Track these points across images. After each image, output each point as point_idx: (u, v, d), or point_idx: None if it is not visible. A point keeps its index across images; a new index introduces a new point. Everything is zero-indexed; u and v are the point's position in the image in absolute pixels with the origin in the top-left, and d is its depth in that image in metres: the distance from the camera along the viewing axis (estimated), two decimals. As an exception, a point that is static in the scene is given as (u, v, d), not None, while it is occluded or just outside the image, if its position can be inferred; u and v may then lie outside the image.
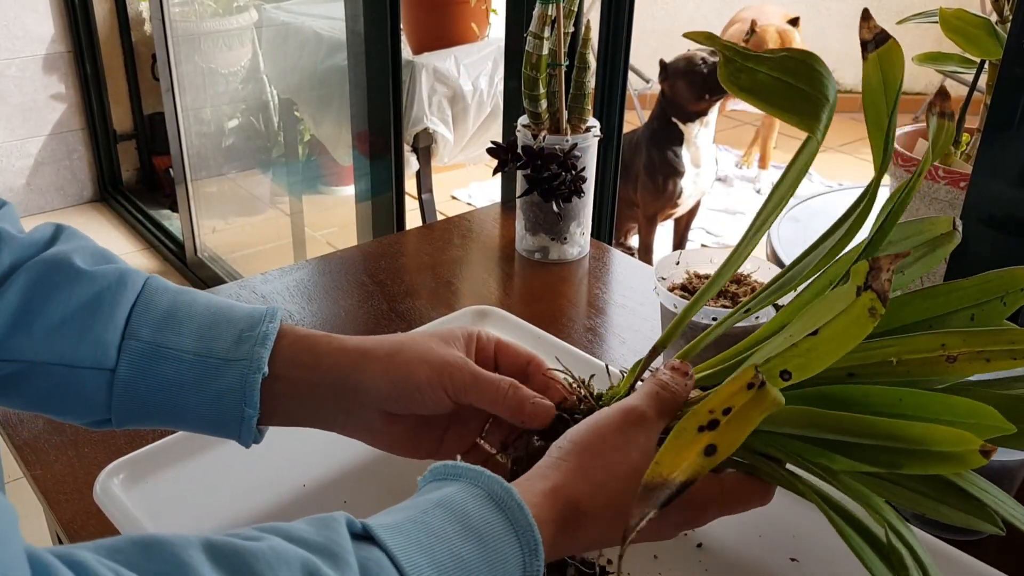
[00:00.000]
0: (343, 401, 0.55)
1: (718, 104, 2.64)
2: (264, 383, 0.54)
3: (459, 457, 0.59)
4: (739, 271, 0.95)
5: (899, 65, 0.51)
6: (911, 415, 0.46)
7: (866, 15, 0.50)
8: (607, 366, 0.66)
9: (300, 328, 0.57)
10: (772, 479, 0.52)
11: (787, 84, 0.54)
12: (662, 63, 2.59)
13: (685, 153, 2.65)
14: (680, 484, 0.41)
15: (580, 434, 0.48)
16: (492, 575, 0.42)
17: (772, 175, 3.60)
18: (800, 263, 0.57)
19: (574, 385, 0.58)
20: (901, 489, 0.49)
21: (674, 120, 2.62)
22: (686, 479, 0.41)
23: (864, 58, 0.52)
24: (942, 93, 0.55)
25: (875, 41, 0.51)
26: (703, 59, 2.58)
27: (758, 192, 3.54)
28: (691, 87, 2.55)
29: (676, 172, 2.65)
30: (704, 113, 2.62)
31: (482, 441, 0.59)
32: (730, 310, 0.86)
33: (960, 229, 0.56)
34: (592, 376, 0.60)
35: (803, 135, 0.59)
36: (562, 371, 0.58)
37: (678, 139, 2.64)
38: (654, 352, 0.58)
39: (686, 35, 0.57)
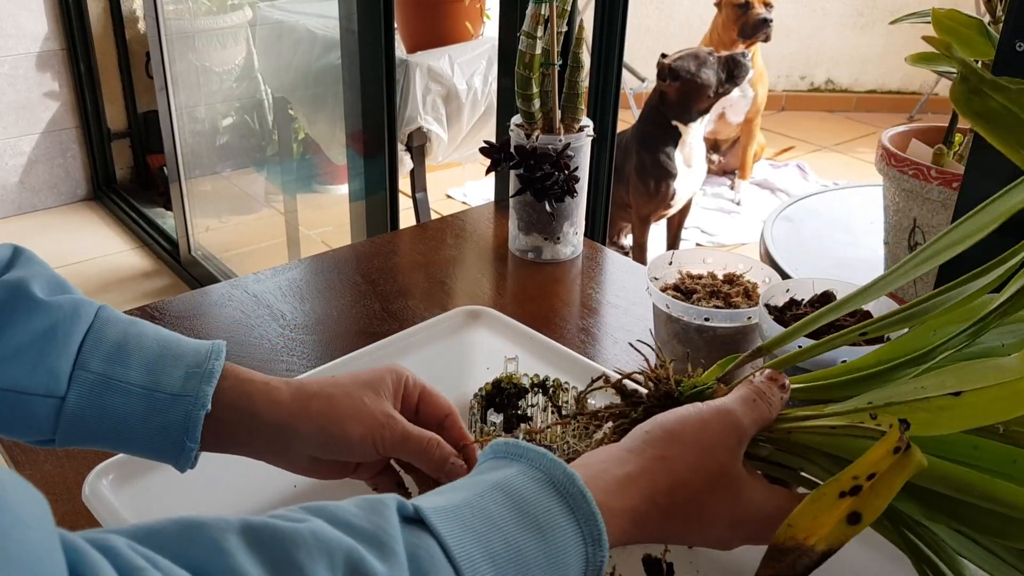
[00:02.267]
0: (276, 446, 0.58)
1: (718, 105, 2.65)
2: (207, 417, 0.56)
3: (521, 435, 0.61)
4: (732, 271, 0.95)
5: None
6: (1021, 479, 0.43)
7: None
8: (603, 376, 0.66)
9: (241, 370, 0.59)
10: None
11: (1020, 120, 0.50)
12: (663, 65, 2.57)
13: (679, 154, 2.65)
14: (821, 554, 0.39)
15: (671, 422, 0.45)
16: (551, 566, 0.39)
17: (751, 189, 3.59)
18: (931, 300, 0.52)
19: (654, 366, 0.55)
20: (979, 548, 0.46)
21: (673, 123, 2.62)
22: (827, 548, 0.39)
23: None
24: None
25: None
26: (709, 54, 2.59)
27: (737, 204, 3.52)
28: (703, 85, 2.55)
29: (669, 174, 2.65)
30: (708, 111, 2.63)
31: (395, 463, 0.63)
32: (725, 311, 0.86)
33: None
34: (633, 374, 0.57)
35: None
36: (649, 347, 0.56)
37: (672, 140, 2.64)
38: (756, 354, 0.55)
39: (926, 39, 0.55)
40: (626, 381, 0.55)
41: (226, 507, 0.71)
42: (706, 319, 0.86)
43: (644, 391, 0.54)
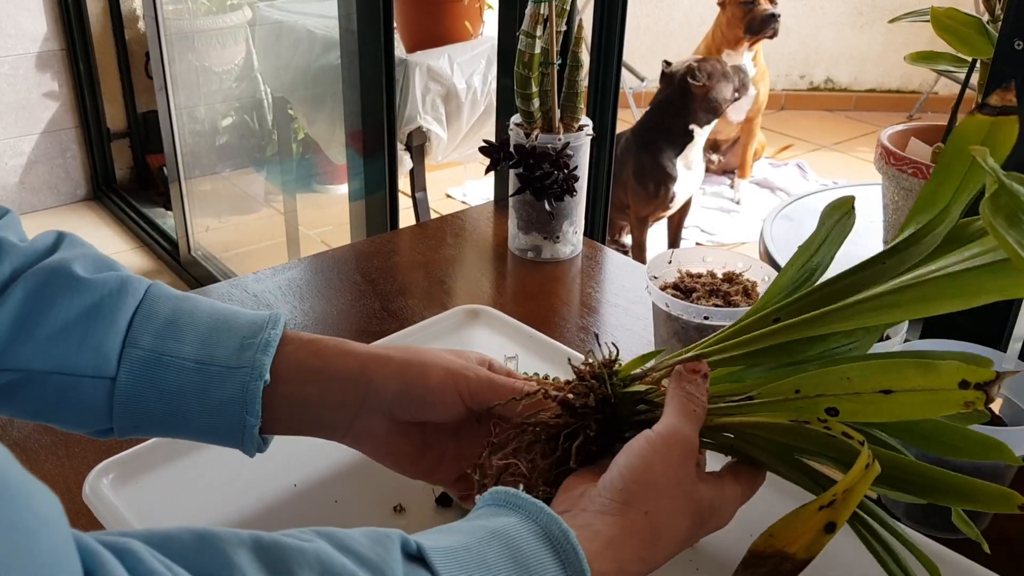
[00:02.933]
0: (350, 405, 0.54)
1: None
2: (267, 390, 0.53)
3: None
4: (731, 269, 0.95)
5: (1009, 144, 0.49)
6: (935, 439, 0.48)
7: (1008, 86, 0.48)
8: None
9: (305, 334, 0.56)
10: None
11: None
12: (695, 65, 2.61)
13: (680, 157, 2.66)
14: (803, 561, 0.42)
15: (640, 471, 0.47)
16: None
17: (751, 188, 3.59)
18: (841, 282, 0.54)
19: (592, 365, 0.55)
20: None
21: (691, 127, 2.63)
22: (808, 556, 0.42)
23: (972, 113, 0.49)
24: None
25: (1002, 109, 0.48)
26: (718, 61, 2.64)
27: (736, 203, 3.52)
28: (725, 86, 2.58)
29: (669, 177, 2.65)
30: (722, 112, 2.66)
31: (483, 460, 0.57)
32: (725, 310, 0.86)
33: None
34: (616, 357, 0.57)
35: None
36: (594, 350, 0.57)
37: (681, 143, 2.64)
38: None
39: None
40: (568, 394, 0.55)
41: (226, 507, 0.71)
42: (705, 317, 0.86)
43: (584, 397, 0.54)
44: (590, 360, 0.55)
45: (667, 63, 2.71)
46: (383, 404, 0.54)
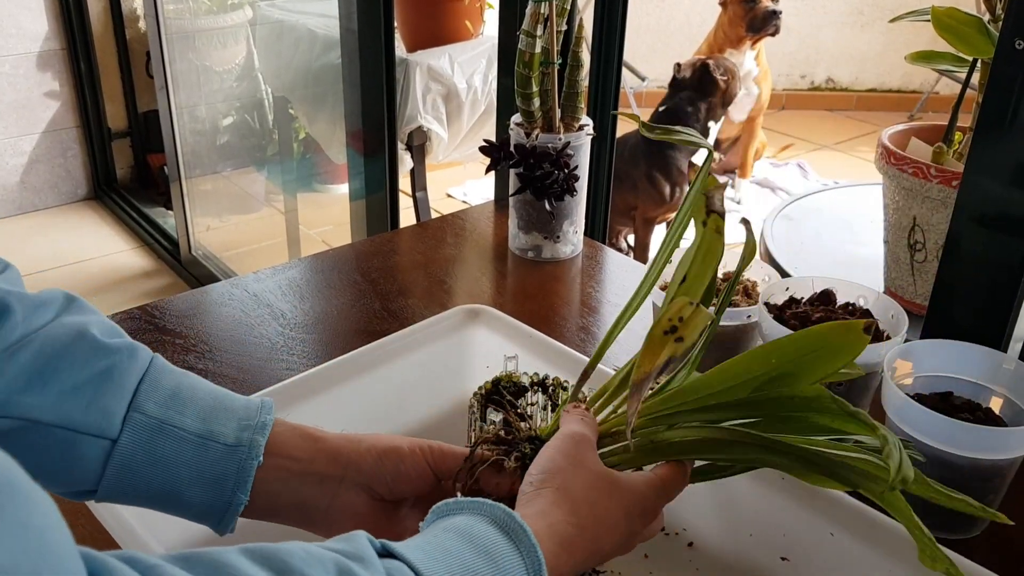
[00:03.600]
0: (331, 481, 0.58)
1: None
2: (257, 469, 0.56)
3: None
4: (730, 270, 0.95)
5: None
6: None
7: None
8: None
9: (288, 421, 0.60)
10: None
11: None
12: (718, 63, 2.66)
13: (693, 157, 2.67)
14: (663, 362, 0.51)
15: (545, 460, 0.53)
16: None
17: (752, 188, 3.59)
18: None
19: (522, 425, 0.63)
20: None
21: (709, 124, 2.65)
22: (667, 357, 0.51)
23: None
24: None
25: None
26: (723, 57, 2.68)
27: (737, 203, 3.52)
28: (739, 83, 2.62)
29: (683, 177, 2.66)
30: (720, 116, 2.69)
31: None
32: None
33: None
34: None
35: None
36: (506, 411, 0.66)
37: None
38: (583, 378, 0.65)
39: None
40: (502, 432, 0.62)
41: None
42: (706, 317, 0.86)
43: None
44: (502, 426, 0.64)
45: (678, 66, 2.71)
46: (362, 478, 0.58)
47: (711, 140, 2.68)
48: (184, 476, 0.55)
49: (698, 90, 2.65)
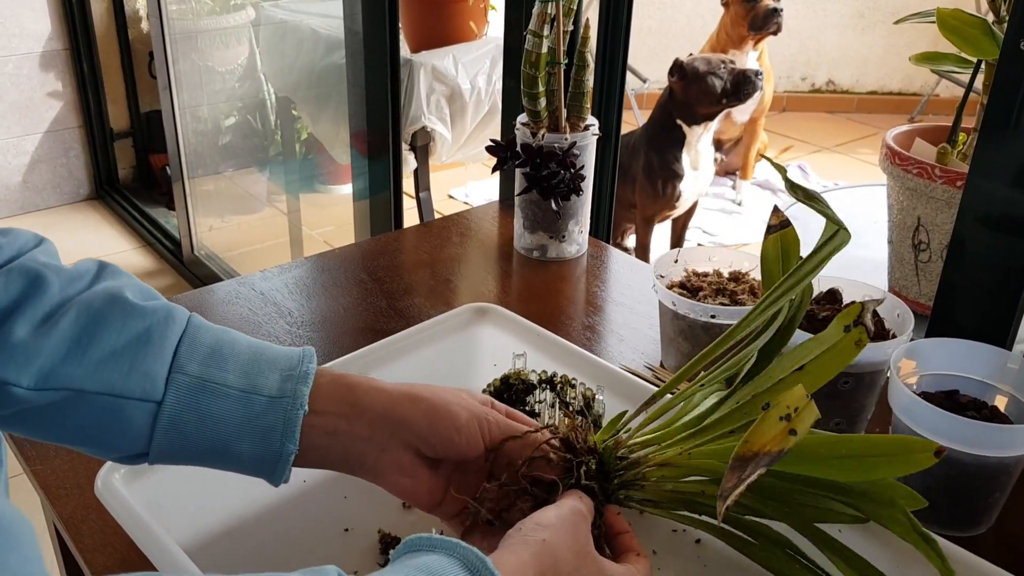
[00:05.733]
0: (379, 437, 0.57)
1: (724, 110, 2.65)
2: (303, 421, 0.56)
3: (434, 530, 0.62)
4: (738, 268, 0.95)
5: (796, 243, 0.67)
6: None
7: (776, 210, 0.67)
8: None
9: (334, 370, 0.59)
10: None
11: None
12: (678, 62, 2.58)
13: (685, 156, 2.66)
14: (777, 453, 0.49)
15: (543, 518, 0.53)
16: None
17: (753, 189, 3.59)
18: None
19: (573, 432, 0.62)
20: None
21: (678, 122, 2.62)
22: (779, 450, 0.49)
23: (765, 238, 0.67)
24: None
25: (780, 226, 0.66)
26: (723, 62, 2.59)
27: (738, 204, 3.52)
28: (708, 90, 2.55)
29: (675, 175, 2.65)
30: (712, 117, 2.63)
31: (472, 503, 0.62)
32: (731, 308, 0.87)
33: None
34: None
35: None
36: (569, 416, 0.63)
37: (679, 142, 2.64)
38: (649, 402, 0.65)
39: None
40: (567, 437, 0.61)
41: (236, 502, 0.71)
42: (712, 316, 0.87)
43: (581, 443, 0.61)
44: (573, 428, 0.62)
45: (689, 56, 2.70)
46: (411, 439, 0.58)
47: (695, 144, 2.66)
48: (232, 431, 0.55)
49: (672, 87, 2.63)
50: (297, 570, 0.44)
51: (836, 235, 0.61)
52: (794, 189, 0.63)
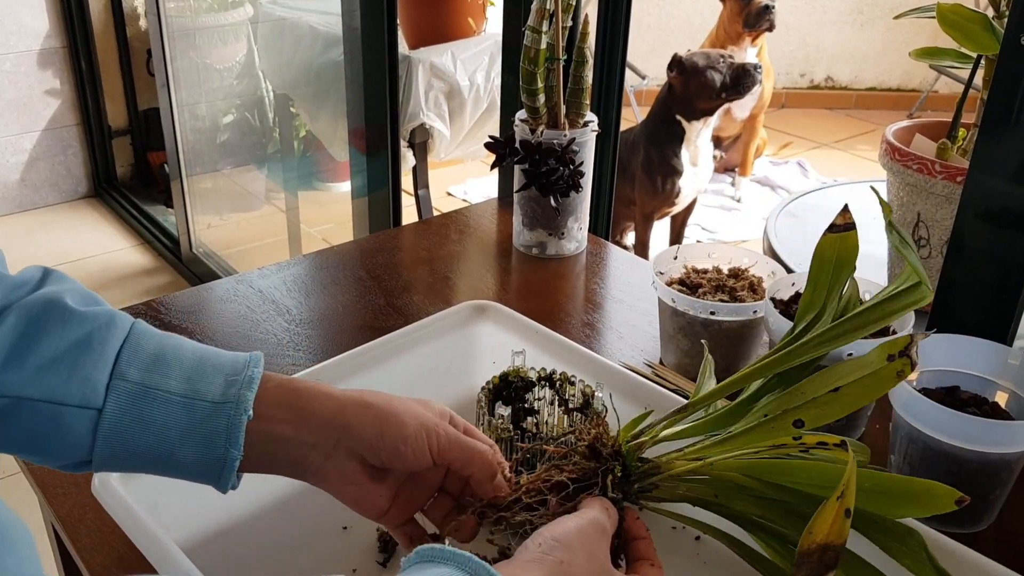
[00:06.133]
0: (324, 444, 0.57)
1: (725, 105, 2.65)
2: (247, 426, 0.55)
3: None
4: (737, 265, 0.95)
5: (854, 250, 0.64)
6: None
7: (846, 208, 0.65)
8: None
9: (281, 376, 0.59)
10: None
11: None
12: (676, 57, 2.58)
13: (684, 152, 2.65)
14: (841, 546, 0.49)
15: (559, 533, 0.52)
16: None
17: (752, 186, 3.59)
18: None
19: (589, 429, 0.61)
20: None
21: (677, 117, 2.62)
22: (843, 541, 0.50)
23: (825, 235, 0.64)
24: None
25: (844, 227, 0.64)
26: (721, 57, 2.58)
27: (737, 201, 3.52)
28: (707, 84, 2.55)
29: (675, 171, 2.65)
30: (711, 112, 2.62)
31: (419, 517, 0.62)
32: (731, 305, 0.87)
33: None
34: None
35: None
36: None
37: (678, 137, 2.64)
38: (680, 411, 0.64)
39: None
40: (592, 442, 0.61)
41: (233, 500, 0.71)
42: (712, 313, 0.87)
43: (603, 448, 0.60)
44: (591, 422, 0.63)
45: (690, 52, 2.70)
46: (357, 446, 0.57)
47: (695, 140, 2.66)
48: (174, 437, 0.54)
49: (671, 83, 2.63)
50: None
51: (916, 289, 0.60)
52: (891, 228, 0.64)
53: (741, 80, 2.57)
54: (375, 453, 0.57)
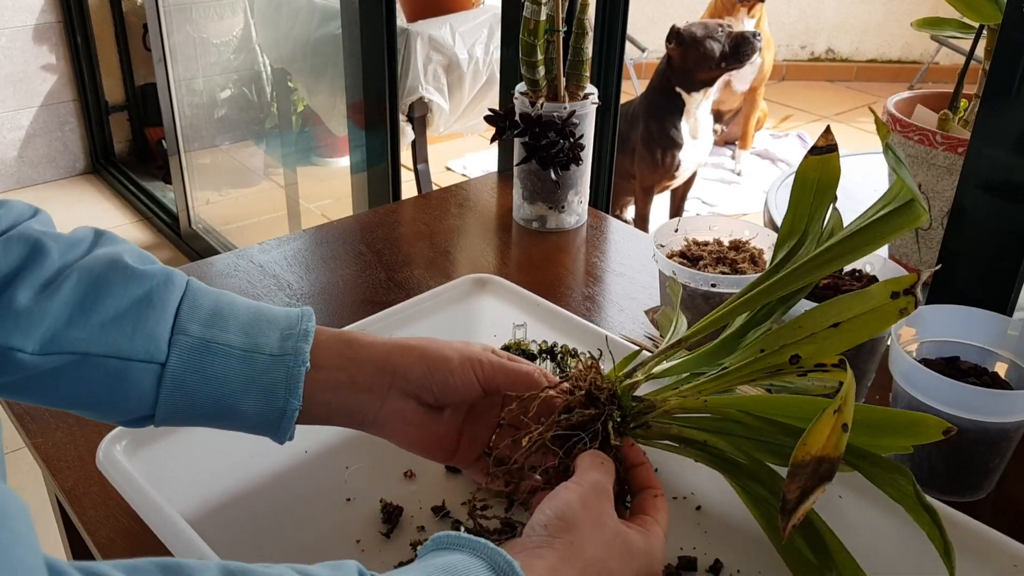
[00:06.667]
0: (378, 389, 0.59)
1: (723, 76, 2.63)
2: (306, 377, 0.57)
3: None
4: (738, 237, 0.95)
5: (837, 173, 0.61)
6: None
7: (828, 130, 0.61)
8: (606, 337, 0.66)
9: (331, 328, 0.60)
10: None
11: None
12: (675, 29, 2.57)
13: (684, 124, 2.64)
14: (836, 458, 0.48)
15: (562, 510, 0.51)
16: None
17: (752, 159, 3.57)
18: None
19: (586, 369, 0.60)
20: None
21: (677, 89, 2.60)
22: (838, 455, 0.48)
23: (806, 158, 0.61)
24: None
25: (826, 148, 0.60)
26: (720, 26, 2.57)
27: (737, 175, 3.51)
28: (707, 54, 2.53)
29: (674, 144, 2.64)
30: (711, 83, 2.61)
31: (492, 443, 0.63)
32: (732, 277, 0.87)
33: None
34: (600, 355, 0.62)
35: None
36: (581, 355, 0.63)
37: (678, 110, 2.63)
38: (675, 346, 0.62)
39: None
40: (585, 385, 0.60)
41: (238, 472, 0.71)
42: (713, 285, 0.87)
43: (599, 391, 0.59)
44: (585, 364, 0.61)
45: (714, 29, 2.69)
46: (409, 386, 0.59)
47: (694, 112, 2.64)
48: (236, 390, 0.56)
49: (670, 55, 2.62)
50: (318, 564, 0.44)
51: (909, 207, 0.56)
52: (888, 149, 0.59)
53: (740, 48, 2.56)
54: (427, 389, 0.59)
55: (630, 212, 2.91)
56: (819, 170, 0.61)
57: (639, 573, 0.52)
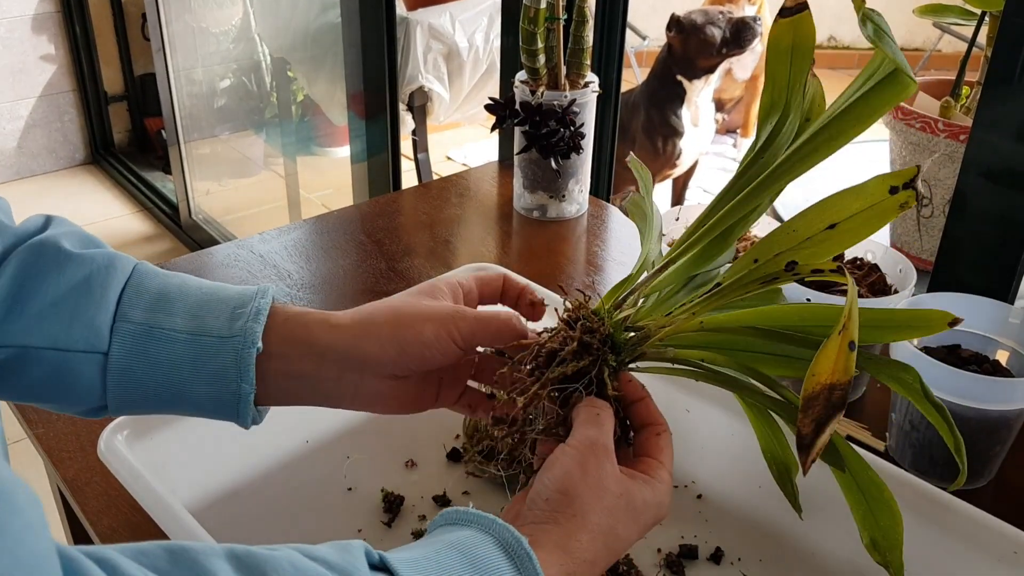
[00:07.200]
0: (349, 377, 0.55)
1: (724, 62, 2.62)
2: (260, 361, 0.53)
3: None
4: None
5: (811, 35, 0.56)
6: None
7: None
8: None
9: (292, 307, 0.56)
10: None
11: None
12: (675, 17, 2.56)
13: (685, 112, 2.63)
14: (847, 383, 0.46)
15: (561, 482, 0.50)
16: None
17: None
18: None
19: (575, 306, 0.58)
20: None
21: (678, 77, 2.59)
22: (848, 378, 0.46)
23: (776, 21, 0.55)
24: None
25: (796, 9, 0.55)
26: (720, 13, 2.55)
27: (736, 162, 3.51)
28: (708, 41, 2.52)
29: (675, 133, 2.63)
30: (712, 70, 2.60)
31: (472, 383, 0.60)
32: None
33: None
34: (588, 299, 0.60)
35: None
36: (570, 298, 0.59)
37: (679, 98, 2.62)
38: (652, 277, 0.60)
39: None
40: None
41: (239, 462, 0.71)
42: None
43: (590, 335, 0.56)
44: (572, 304, 0.58)
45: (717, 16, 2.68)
46: (383, 367, 0.55)
47: (696, 100, 2.63)
48: (185, 375, 0.53)
49: (670, 43, 2.61)
50: (324, 543, 0.44)
51: (895, 77, 0.52)
52: (865, 20, 0.55)
53: (741, 34, 2.55)
54: (402, 366, 0.55)
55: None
56: (792, 33, 0.56)
57: (648, 526, 0.51)
